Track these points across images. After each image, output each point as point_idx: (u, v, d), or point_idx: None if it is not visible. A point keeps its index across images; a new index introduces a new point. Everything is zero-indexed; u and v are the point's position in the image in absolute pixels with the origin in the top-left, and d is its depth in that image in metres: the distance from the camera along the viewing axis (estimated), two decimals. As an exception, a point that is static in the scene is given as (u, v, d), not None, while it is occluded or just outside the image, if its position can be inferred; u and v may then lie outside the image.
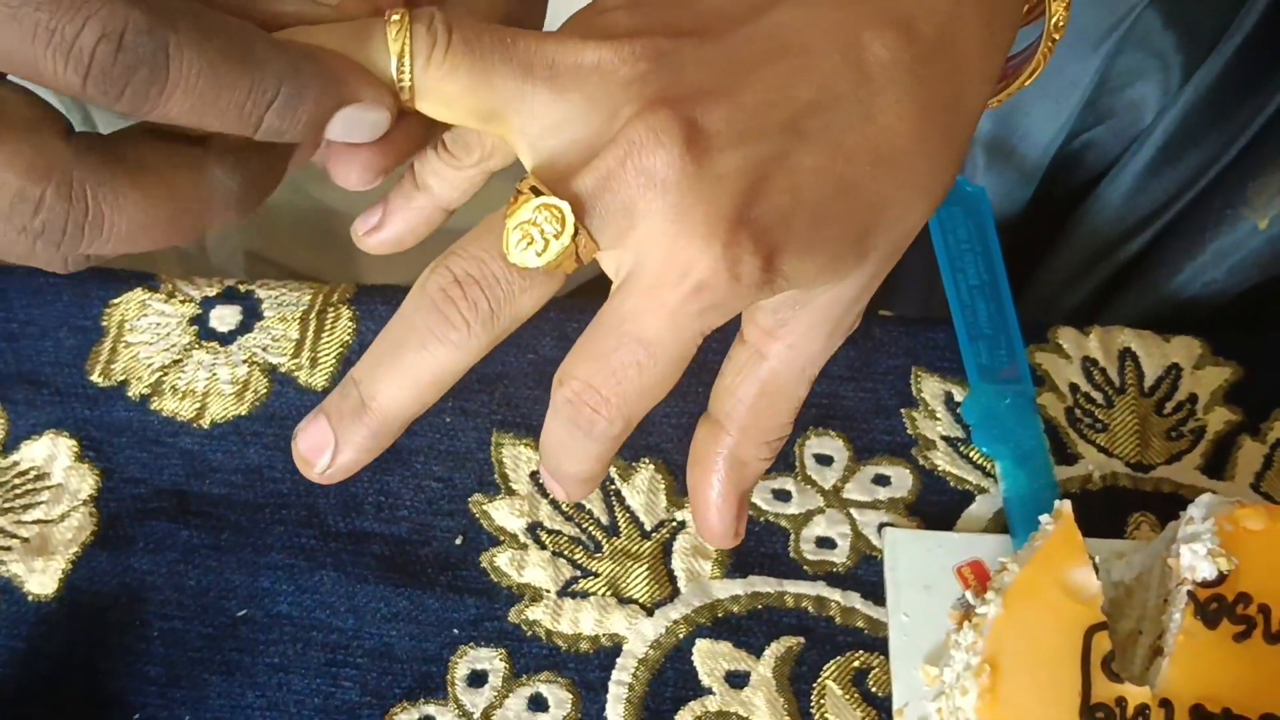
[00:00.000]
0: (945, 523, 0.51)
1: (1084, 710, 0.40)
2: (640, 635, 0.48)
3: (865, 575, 0.50)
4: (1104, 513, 0.50)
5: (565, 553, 0.50)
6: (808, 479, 0.52)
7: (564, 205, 0.31)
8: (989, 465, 0.52)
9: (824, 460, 0.52)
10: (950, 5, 0.34)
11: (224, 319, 0.55)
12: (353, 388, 0.33)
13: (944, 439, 0.53)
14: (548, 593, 0.49)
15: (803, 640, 0.48)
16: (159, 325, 0.55)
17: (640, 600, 0.49)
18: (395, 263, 0.41)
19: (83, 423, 0.53)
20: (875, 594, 0.49)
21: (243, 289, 0.56)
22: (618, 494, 0.51)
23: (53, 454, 0.52)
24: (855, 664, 0.48)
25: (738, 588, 0.49)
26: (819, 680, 0.47)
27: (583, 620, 0.48)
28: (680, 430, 0.53)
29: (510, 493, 0.51)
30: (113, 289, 0.56)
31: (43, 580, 0.49)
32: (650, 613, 0.49)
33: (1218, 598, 0.41)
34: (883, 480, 0.52)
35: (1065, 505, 0.44)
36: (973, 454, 0.52)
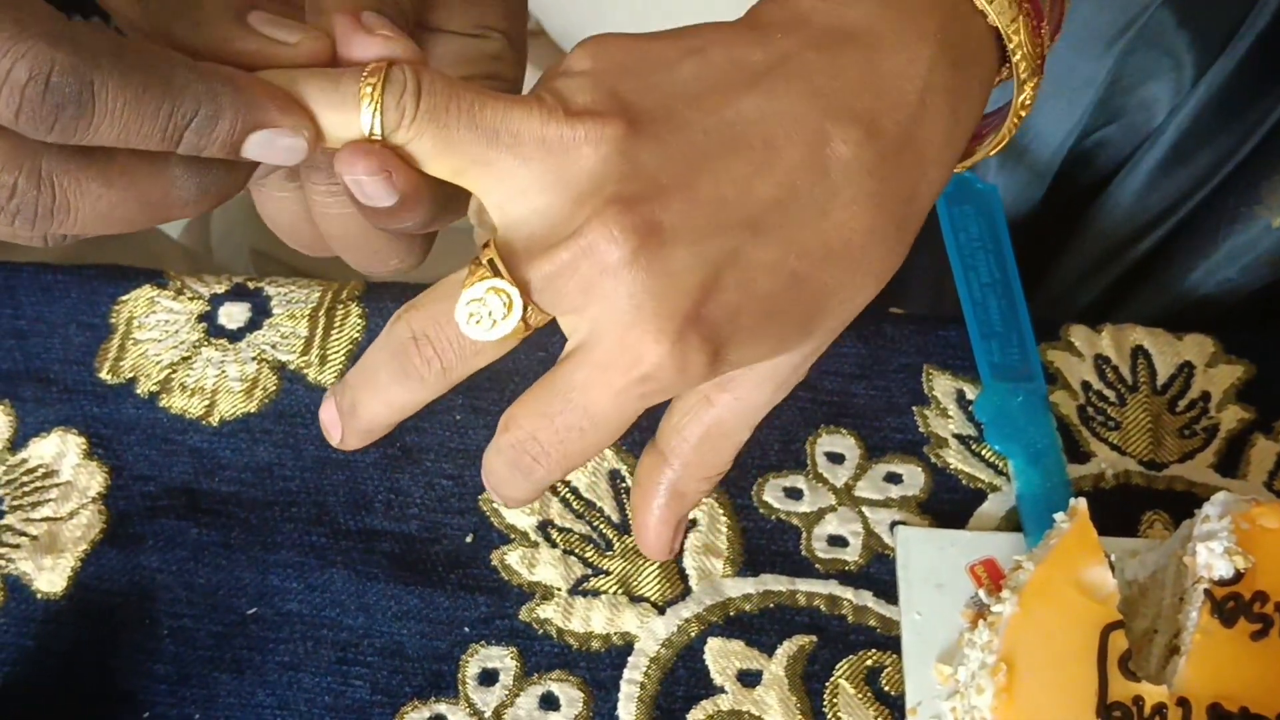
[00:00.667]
0: (958, 521, 0.51)
1: (1101, 709, 0.40)
2: (652, 634, 0.48)
3: (877, 574, 0.49)
4: (1117, 511, 0.50)
5: (576, 551, 0.50)
6: (819, 477, 0.52)
7: (513, 291, 0.33)
8: (1001, 463, 0.52)
9: (835, 458, 0.52)
10: (916, 99, 0.35)
11: (233, 316, 0.55)
12: (348, 390, 0.37)
13: (956, 437, 0.53)
14: (559, 591, 0.49)
15: (815, 639, 0.48)
16: (168, 322, 0.55)
17: (652, 599, 0.49)
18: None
19: (91, 420, 0.53)
20: (888, 592, 0.49)
21: (252, 286, 0.56)
22: (629, 492, 0.51)
23: (61, 451, 0.52)
24: (868, 663, 0.47)
25: (749, 586, 0.49)
26: (831, 679, 0.47)
27: (594, 619, 0.48)
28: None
29: (521, 491, 0.51)
30: (121, 286, 0.56)
31: (52, 578, 0.49)
32: (662, 611, 0.48)
33: (1234, 596, 0.41)
34: (895, 478, 0.52)
35: (1080, 503, 0.43)
36: (985, 452, 0.52)
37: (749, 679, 0.47)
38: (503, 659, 0.47)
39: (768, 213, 0.33)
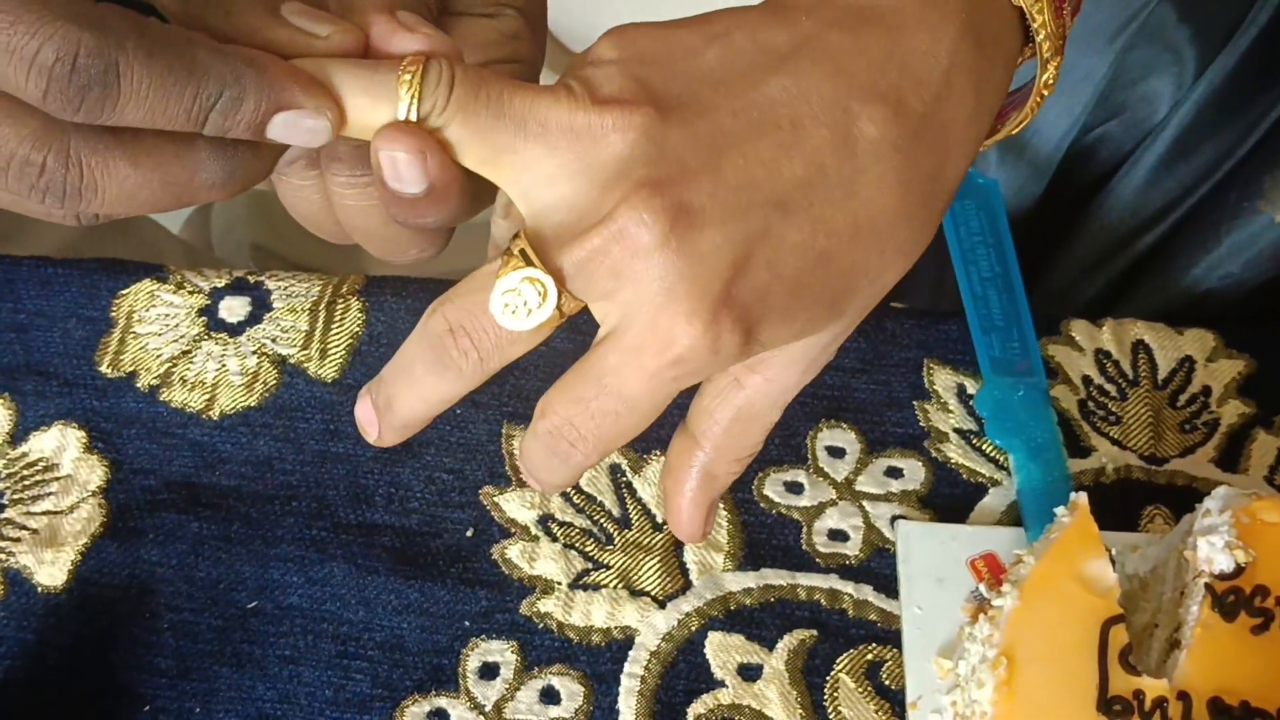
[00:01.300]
0: (958, 515, 0.51)
1: (1101, 703, 0.40)
2: (652, 627, 0.48)
3: (878, 568, 0.49)
4: (1117, 505, 0.50)
5: (577, 545, 0.50)
6: (820, 471, 0.52)
7: (547, 279, 0.33)
8: (1002, 458, 0.52)
9: (836, 452, 0.52)
10: (941, 78, 0.35)
11: (233, 310, 0.55)
12: (383, 386, 0.36)
13: (956, 431, 0.53)
14: (559, 585, 0.49)
15: (815, 633, 0.48)
16: (168, 316, 0.55)
17: (652, 592, 0.49)
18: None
19: (92, 414, 0.53)
20: (888, 587, 0.49)
21: (252, 280, 0.56)
22: (629, 486, 0.51)
23: (62, 445, 0.52)
24: (869, 657, 0.47)
25: (750, 580, 0.49)
26: (832, 673, 0.47)
27: (594, 612, 0.48)
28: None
29: (521, 485, 0.51)
30: (121, 280, 0.56)
31: (52, 572, 0.49)
32: (662, 605, 0.48)
33: (1235, 590, 0.41)
34: (895, 473, 0.52)
35: (1081, 497, 0.43)
36: (985, 446, 0.52)
37: (749, 673, 0.47)
38: (503, 653, 0.47)
39: (796, 192, 0.33)
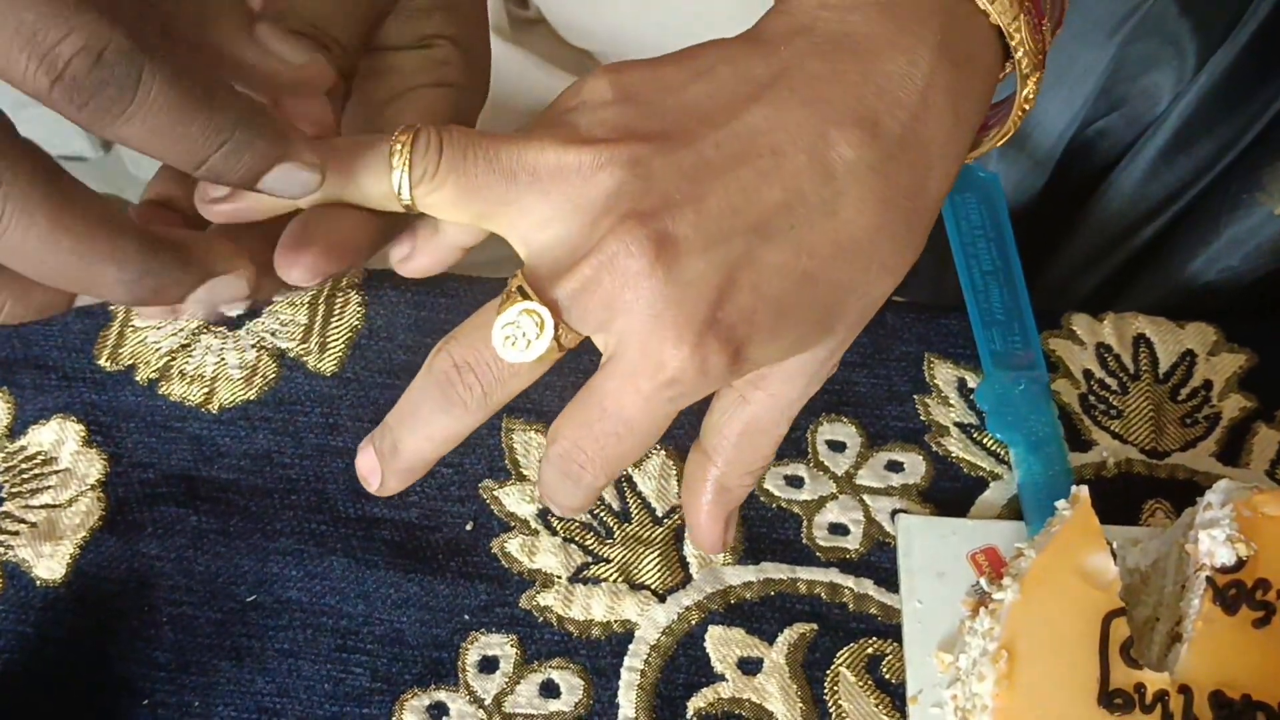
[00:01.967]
0: (959, 509, 0.50)
1: (1102, 696, 0.40)
2: (652, 621, 0.48)
3: (878, 562, 0.49)
4: (1118, 499, 0.50)
5: (577, 539, 0.50)
6: (820, 465, 0.51)
7: (544, 311, 0.34)
8: (1003, 452, 0.52)
9: (837, 446, 0.52)
10: (918, 98, 0.36)
11: (232, 304, 0.55)
12: (388, 432, 0.38)
13: (957, 425, 0.52)
14: (559, 579, 0.49)
15: (815, 627, 0.48)
16: (167, 310, 0.55)
17: (652, 586, 0.49)
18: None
19: (90, 407, 0.53)
20: (888, 580, 0.49)
21: (251, 274, 0.55)
22: (629, 480, 0.51)
23: (60, 438, 0.52)
24: (869, 651, 0.47)
25: (750, 574, 0.49)
26: (832, 667, 0.47)
27: (594, 606, 0.48)
28: (692, 418, 0.51)
29: (521, 478, 0.51)
30: (120, 273, 0.55)
31: (51, 565, 0.49)
32: (662, 599, 0.48)
33: (1236, 584, 0.41)
34: (896, 466, 0.52)
35: (1083, 491, 0.43)
36: (986, 440, 0.52)
37: (750, 667, 0.47)
38: (503, 646, 0.47)
39: (776, 216, 0.34)
